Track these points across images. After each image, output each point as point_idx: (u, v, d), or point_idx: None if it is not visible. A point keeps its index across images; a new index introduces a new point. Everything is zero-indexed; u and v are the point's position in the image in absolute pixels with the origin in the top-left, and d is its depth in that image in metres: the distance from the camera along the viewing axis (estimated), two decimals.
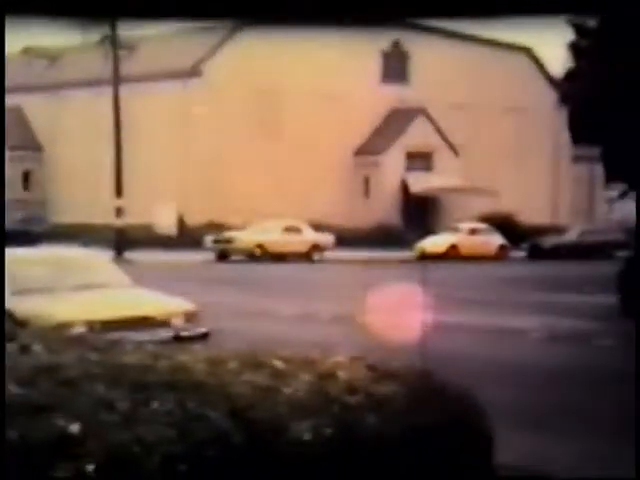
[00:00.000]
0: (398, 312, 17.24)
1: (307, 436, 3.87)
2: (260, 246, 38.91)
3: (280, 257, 38.07)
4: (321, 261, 38.62)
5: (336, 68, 49.88)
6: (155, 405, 3.84)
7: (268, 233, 39.58)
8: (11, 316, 10.61)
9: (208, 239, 39.66)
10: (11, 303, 10.81)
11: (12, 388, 3.89)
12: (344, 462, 3.95)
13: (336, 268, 34.72)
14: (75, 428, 3.56)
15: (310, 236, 40.52)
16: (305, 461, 3.83)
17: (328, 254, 39.46)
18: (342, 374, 4.43)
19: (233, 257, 38.70)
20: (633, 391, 10.55)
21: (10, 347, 4.67)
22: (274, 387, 4.17)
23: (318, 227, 41.69)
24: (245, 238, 39.13)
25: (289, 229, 40.31)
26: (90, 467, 3.41)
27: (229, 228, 43.85)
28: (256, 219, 43.89)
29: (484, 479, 4.70)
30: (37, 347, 4.72)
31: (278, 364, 4.46)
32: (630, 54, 18.70)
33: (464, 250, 41.24)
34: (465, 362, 12.00)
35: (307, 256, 39.12)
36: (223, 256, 38.60)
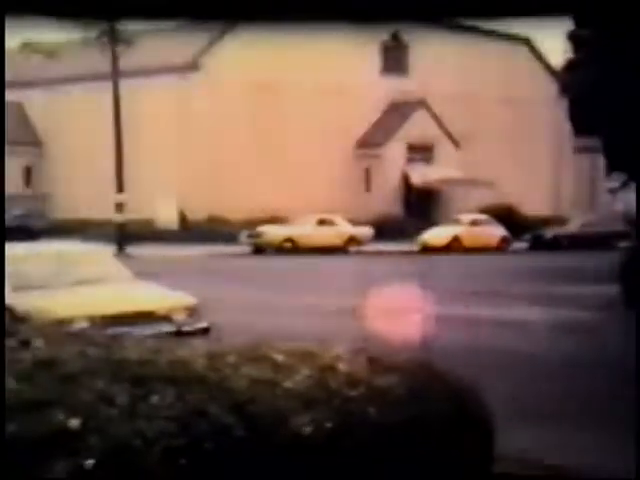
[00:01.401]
0: (401, 304, 17.24)
1: (307, 429, 3.86)
2: (289, 240, 38.93)
3: (315, 251, 37.93)
4: (358, 253, 38.61)
5: (336, 61, 49.82)
6: (155, 399, 3.83)
7: (300, 227, 39.57)
8: (12, 312, 10.61)
9: (243, 234, 39.82)
10: (12, 299, 10.81)
11: (12, 383, 3.88)
12: (345, 455, 3.94)
13: (336, 261, 34.74)
14: (75, 423, 3.55)
15: (346, 229, 40.54)
16: (306, 454, 3.82)
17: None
18: (342, 367, 4.42)
19: (268, 251, 38.60)
20: (635, 383, 10.54)
21: (10, 342, 4.66)
22: (274, 380, 4.16)
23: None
24: (274, 232, 39.17)
25: (323, 222, 40.27)
26: (90, 462, 3.40)
27: (228, 223, 43.91)
28: (257, 213, 43.93)
29: (485, 471, 4.69)
30: (37, 342, 4.71)
31: (278, 357, 4.45)
32: (630, 44, 18.65)
33: (466, 242, 41.22)
34: (467, 354, 12.00)
35: (343, 249, 39.13)
36: (259, 251, 38.61)
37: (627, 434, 8.01)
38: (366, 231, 41.00)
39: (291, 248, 38.55)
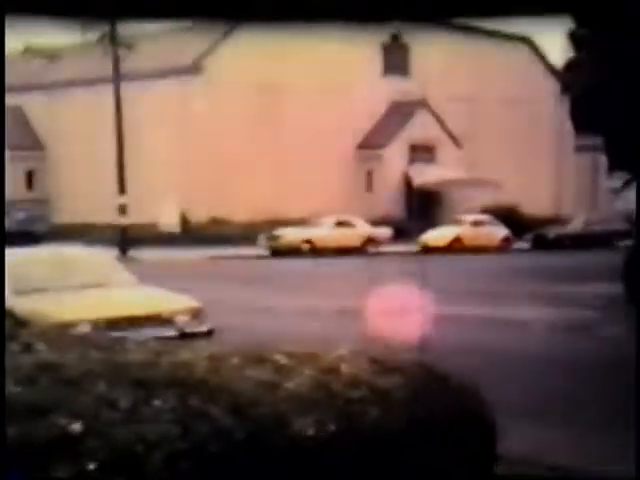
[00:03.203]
0: (402, 305, 17.23)
1: (310, 431, 3.86)
2: (308, 241, 39.06)
3: (333, 252, 37.95)
4: (378, 255, 38.67)
5: (337, 62, 49.82)
6: (157, 402, 3.83)
7: (318, 228, 39.74)
8: (14, 316, 10.62)
9: (262, 237, 39.84)
10: (14, 303, 10.82)
11: (13, 387, 3.88)
12: (348, 456, 3.94)
13: (343, 262, 34.74)
14: (77, 427, 3.55)
15: (364, 230, 40.68)
16: (308, 456, 3.82)
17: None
18: (345, 368, 4.42)
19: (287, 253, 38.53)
20: (635, 382, 10.52)
21: (12, 346, 4.66)
22: (276, 382, 4.16)
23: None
24: (292, 234, 39.27)
25: (341, 224, 40.45)
26: (92, 466, 3.40)
27: (230, 225, 43.88)
28: (259, 215, 43.89)
29: (488, 471, 4.69)
30: (39, 346, 4.71)
31: (280, 359, 4.45)
32: (631, 43, 18.65)
33: (468, 242, 41.22)
34: (469, 354, 12.00)
35: (361, 250, 39.23)
36: (277, 253, 38.63)
37: (628, 434, 8.01)
38: (384, 232, 41.14)
39: (309, 250, 38.63)
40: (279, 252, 38.58)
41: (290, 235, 39.36)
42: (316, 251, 38.38)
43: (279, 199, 48.21)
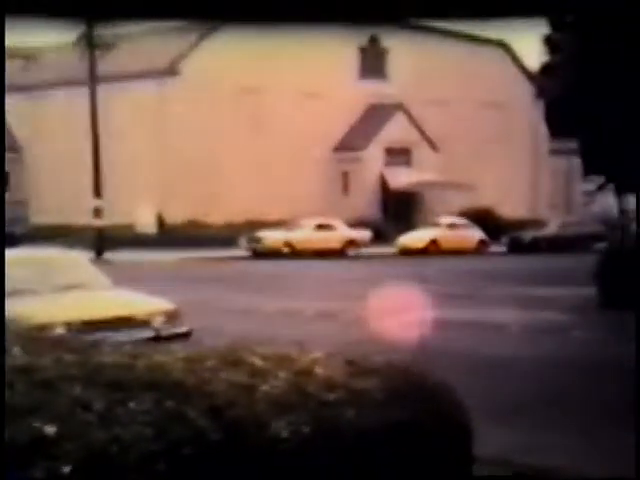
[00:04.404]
0: (380, 307, 17.28)
1: (285, 433, 3.87)
2: (288, 244, 39.08)
3: (313, 255, 37.97)
4: (356, 257, 38.73)
5: (314, 65, 49.86)
6: (133, 404, 3.83)
7: (298, 231, 39.77)
8: None
9: (243, 239, 39.77)
10: None
11: None
12: (323, 458, 3.95)
13: (320, 264, 34.76)
14: (52, 429, 3.55)
15: (344, 233, 40.76)
16: (284, 458, 3.83)
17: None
18: (320, 370, 4.44)
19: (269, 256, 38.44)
20: (613, 382, 10.61)
21: None
22: (252, 385, 4.17)
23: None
24: (272, 236, 39.29)
25: (321, 227, 40.51)
26: (67, 468, 3.40)
27: (207, 227, 43.80)
28: (237, 217, 43.83)
29: (463, 473, 4.72)
30: (14, 348, 4.70)
31: (256, 361, 4.46)
32: (605, 47, 18.80)
33: (444, 245, 41.35)
34: (445, 356, 12.04)
35: (341, 252, 39.22)
36: (258, 255, 38.54)
37: (606, 432, 8.07)
38: (364, 234, 41.25)
39: (290, 252, 38.65)
40: (260, 254, 38.60)
41: (271, 237, 39.42)
42: (297, 253, 38.42)
43: (256, 201, 48.16)
